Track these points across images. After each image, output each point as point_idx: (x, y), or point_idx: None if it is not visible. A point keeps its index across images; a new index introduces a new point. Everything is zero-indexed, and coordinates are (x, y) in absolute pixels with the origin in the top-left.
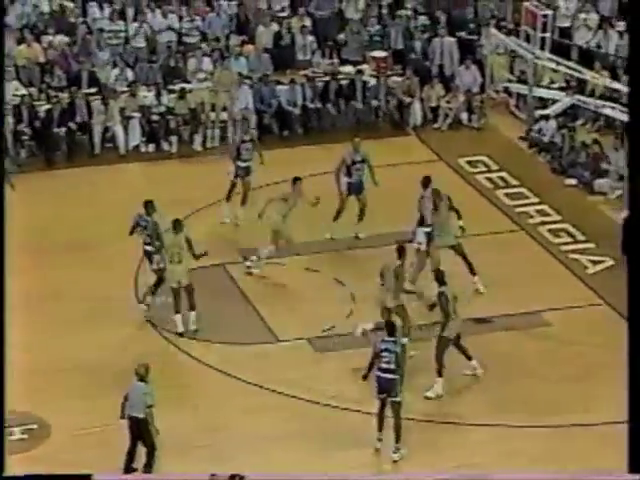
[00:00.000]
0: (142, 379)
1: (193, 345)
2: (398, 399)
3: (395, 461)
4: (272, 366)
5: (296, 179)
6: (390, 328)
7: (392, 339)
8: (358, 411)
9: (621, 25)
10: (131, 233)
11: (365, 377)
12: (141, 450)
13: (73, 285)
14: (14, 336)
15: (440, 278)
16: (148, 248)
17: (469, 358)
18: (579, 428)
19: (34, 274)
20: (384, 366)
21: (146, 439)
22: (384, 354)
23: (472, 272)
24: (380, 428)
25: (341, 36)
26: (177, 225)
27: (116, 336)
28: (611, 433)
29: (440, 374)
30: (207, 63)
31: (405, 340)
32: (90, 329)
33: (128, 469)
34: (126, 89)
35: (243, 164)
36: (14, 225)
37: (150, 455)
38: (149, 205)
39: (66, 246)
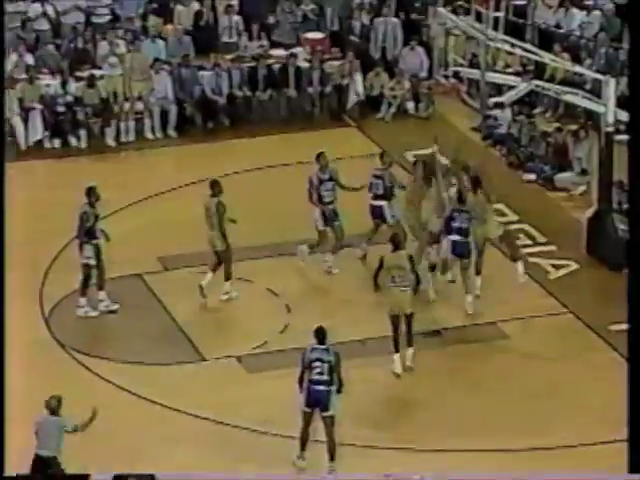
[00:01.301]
0: (53, 412)
1: (106, 366)
2: (331, 413)
3: None
4: (197, 389)
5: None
6: (320, 335)
7: (323, 347)
8: (292, 437)
9: None
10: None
11: (301, 385)
12: None
13: None
14: None
15: (396, 242)
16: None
17: (409, 344)
18: (541, 452)
19: None
20: (316, 377)
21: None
22: (316, 364)
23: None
24: (304, 447)
25: (271, 16)
26: (214, 187)
27: (20, 356)
28: (577, 455)
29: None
30: (122, 47)
31: None
32: None
33: None
34: (24, 76)
35: (329, 207)
36: None
37: None
38: (91, 192)
39: None
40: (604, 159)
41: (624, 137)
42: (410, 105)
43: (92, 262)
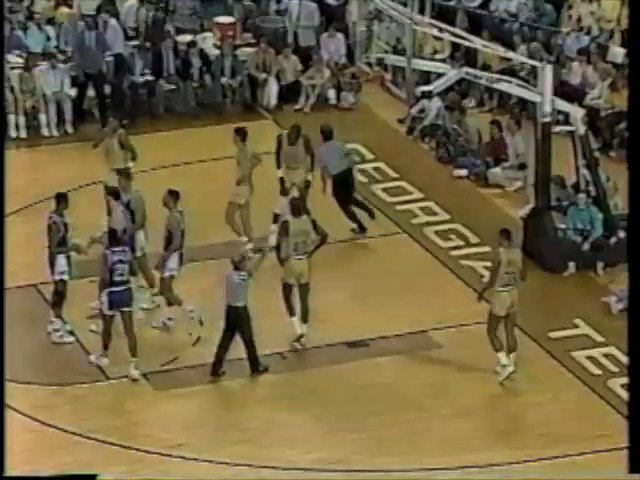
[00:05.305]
0: (237, 268)
1: None
2: (132, 309)
3: (135, 379)
4: (100, 410)
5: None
6: (112, 236)
7: (120, 248)
8: (210, 461)
9: None
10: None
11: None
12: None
13: None
14: None
15: (297, 207)
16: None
17: (303, 319)
18: (476, 470)
19: None
20: (118, 279)
21: (245, 330)
22: (117, 266)
23: None
24: (107, 346)
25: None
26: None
27: None
28: (517, 474)
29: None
30: None
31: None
32: None
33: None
34: None
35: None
36: None
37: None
38: (61, 199)
39: None
40: (541, 152)
41: (562, 128)
42: (331, 94)
43: (66, 277)
